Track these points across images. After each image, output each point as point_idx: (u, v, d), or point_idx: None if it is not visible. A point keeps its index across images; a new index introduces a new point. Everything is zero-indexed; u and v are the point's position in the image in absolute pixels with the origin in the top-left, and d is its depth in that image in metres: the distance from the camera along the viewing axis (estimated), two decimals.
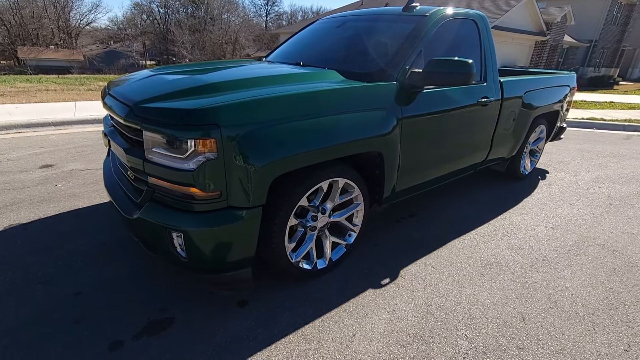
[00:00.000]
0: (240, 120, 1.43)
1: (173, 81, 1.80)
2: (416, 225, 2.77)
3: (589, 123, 7.42)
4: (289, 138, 1.54)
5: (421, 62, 2.19)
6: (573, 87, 4.02)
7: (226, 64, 2.27)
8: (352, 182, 1.97)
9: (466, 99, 2.51)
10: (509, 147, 3.31)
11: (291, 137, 1.55)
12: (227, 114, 1.42)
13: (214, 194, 1.48)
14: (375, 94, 1.93)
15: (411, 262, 2.28)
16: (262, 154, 1.48)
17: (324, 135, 1.66)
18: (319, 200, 1.89)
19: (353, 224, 2.16)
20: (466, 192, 3.47)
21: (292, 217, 1.76)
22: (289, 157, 1.55)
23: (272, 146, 1.50)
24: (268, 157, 1.49)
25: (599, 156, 5.04)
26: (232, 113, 1.43)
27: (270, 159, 1.50)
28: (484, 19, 2.70)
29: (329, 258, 2.08)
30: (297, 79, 1.89)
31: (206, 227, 1.49)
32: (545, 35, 17.32)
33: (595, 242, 2.64)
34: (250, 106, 1.47)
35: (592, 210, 3.21)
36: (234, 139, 1.42)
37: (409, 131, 2.13)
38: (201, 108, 1.40)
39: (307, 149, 1.60)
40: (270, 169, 1.51)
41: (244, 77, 1.84)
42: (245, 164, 1.46)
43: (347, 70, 2.18)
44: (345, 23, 2.77)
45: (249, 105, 1.47)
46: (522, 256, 2.41)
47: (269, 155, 1.49)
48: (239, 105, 1.45)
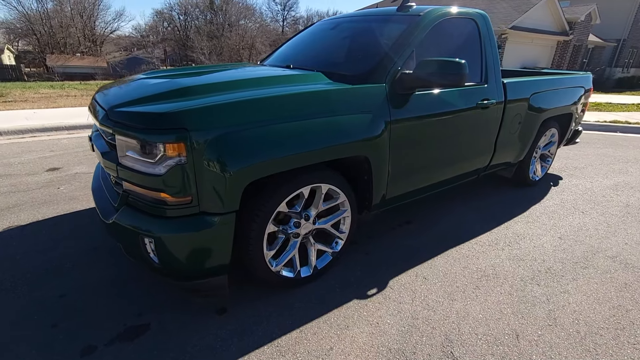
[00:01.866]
0: (210, 124, 1.40)
1: (153, 85, 1.79)
2: (412, 233, 2.67)
3: (612, 126, 7.04)
4: (262, 142, 1.49)
5: (413, 64, 2.10)
6: (588, 89, 3.81)
7: (216, 68, 2.26)
8: (336, 188, 1.91)
9: (464, 102, 2.39)
10: (516, 152, 3.15)
11: (265, 142, 1.50)
12: (196, 118, 1.39)
13: (185, 200, 1.44)
14: (361, 96, 1.86)
15: (402, 272, 2.18)
16: (234, 159, 1.44)
17: (302, 140, 1.60)
18: (301, 206, 1.83)
19: (340, 231, 2.09)
20: (470, 198, 3.32)
21: (270, 224, 1.71)
22: (262, 162, 1.50)
23: (244, 151, 1.46)
24: (240, 162, 1.45)
25: (619, 161, 4.75)
26: (201, 117, 1.40)
27: (243, 164, 1.46)
28: (484, 18, 2.59)
29: (314, 266, 2.01)
30: (278, 81, 1.84)
31: (177, 233, 1.46)
32: (568, 35, 16.65)
33: (606, 254, 2.46)
34: (220, 110, 1.44)
35: (606, 219, 3.00)
36: (204, 143, 1.39)
37: (399, 135, 2.04)
38: (169, 112, 1.38)
39: (282, 154, 1.55)
40: (243, 174, 1.47)
41: (224, 80, 1.81)
42: (216, 168, 1.42)
43: (335, 72, 2.12)
44: (340, 25, 2.71)
45: (220, 109, 1.44)
46: (523, 268, 2.27)
47: (241, 160, 1.45)
48: (209, 108, 1.42)
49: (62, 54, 30.46)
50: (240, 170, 1.45)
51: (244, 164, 1.46)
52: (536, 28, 15.33)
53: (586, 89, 3.75)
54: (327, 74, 2.12)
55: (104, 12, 36.90)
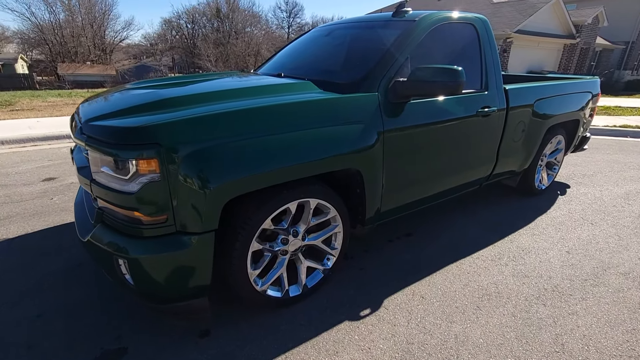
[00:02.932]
0: (184, 138, 1.32)
1: (133, 97, 1.72)
2: (411, 247, 2.55)
3: (622, 131, 6.82)
4: (242, 157, 1.41)
5: (408, 71, 2.01)
6: (596, 94, 3.66)
7: (205, 77, 2.19)
8: (326, 203, 1.81)
9: (463, 110, 2.28)
10: (520, 160, 3.02)
11: (245, 156, 1.41)
12: (170, 132, 1.31)
13: (160, 218, 1.36)
14: (351, 106, 1.77)
15: (398, 290, 2.06)
16: (211, 175, 1.35)
17: (285, 154, 1.51)
18: (289, 222, 1.74)
19: (332, 247, 1.99)
20: (473, 209, 3.19)
21: (254, 242, 1.62)
22: (243, 178, 1.42)
23: (222, 166, 1.37)
24: (218, 179, 1.36)
25: (630, 168, 4.56)
26: (176, 131, 1.32)
27: (221, 180, 1.37)
28: (484, 22, 2.48)
29: (304, 284, 1.91)
30: (264, 91, 1.76)
31: (151, 254, 1.37)
32: (575, 38, 16.41)
33: (618, 270, 2.31)
34: (196, 123, 1.36)
35: (617, 231, 2.84)
36: (179, 159, 1.31)
37: (393, 146, 1.94)
38: (140, 126, 1.30)
39: (264, 169, 1.46)
40: (221, 191, 1.38)
41: (207, 91, 1.73)
42: (192, 185, 1.34)
43: (327, 81, 2.04)
44: (333, 32, 2.64)
45: (196, 122, 1.36)
46: (528, 286, 2.13)
47: (219, 176, 1.36)
48: (184, 122, 1.34)
49: (73, 62, 31.03)
50: (219, 187, 1.37)
51: (223, 180, 1.37)
52: (542, 31, 15.13)
53: (594, 94, 3.60)
54: (319, 82, 2.03)
55: (113, 22, 37.47)
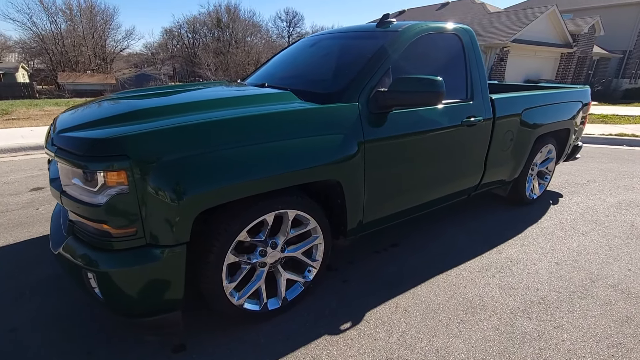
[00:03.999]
0: (154, 150, 1.30)
1: (108, 108, 1.71)
2: (398, 257, 2.51)
3: (617, 139, 6.82)
4: (213, 169, 1.39)
5: (390, 81, 2.00)
6: (587, 103, 3.66)
7: (187, 87, 2.19)
8: (305, 214, 1.78)
9: (447, 120, 2.27)
10: (509, 170, 3.00)
11: (217, 168, 1.39)
12: (138, 144, 1.29)
13: (129, 231, 1.34)
14: (329, 116, 1.75)
15: (381, 303, 2.02)
16: (180, 187, 1.33)
17: (259, 165, 1.49)
18: (266, 234, 1.71)
19: (312, 259, 1.95)
20: (462, 219, 3.16)
21: (230, 254, 1.59)
22: (213, 190, 1.39)
23: (192, 178, 1.35)
24: (187, 191, 1.34)
25: (625, 177, 4.54)
26: (144, 142, 1.30)
27: (190, 192, 1.35)
28: (469, 33, 2.49)
29: (283, 297, 1.87)
30: (242, 102, 1.76)
31: (119, 267, 1.35)
32: (572, 47, 16.55)
33: (607, 281, 2.27)
34: (167, 134, 1.34)
35: (608, 241, 2.81)
36: (148, 171, 1.29)
37: (375, 156, 1.93)
38: (108, 137, 1.29)
39: (237, 180, 1.44)
40: (191, 203, 1.36)
41: (185, 102, 1.72)
42: (161, 198, 1.32)
43: (309, 91, 2.03)
44: (319, 42, 2.64)
45: (166, 133, 1.34)
46: (514, 298, 2.09)
47: (188, 188, 1.34)
48: (154, 133, 1.33)
49: (73, 71, 31.33)
50: (188, 199, 1.35)
51: (192, 192, 1.35)
52: (539, 40, 15.27)
53: (584, 103, 3.60)
54: (301, 92, 2.03)
55: (114, 31, 37.87)
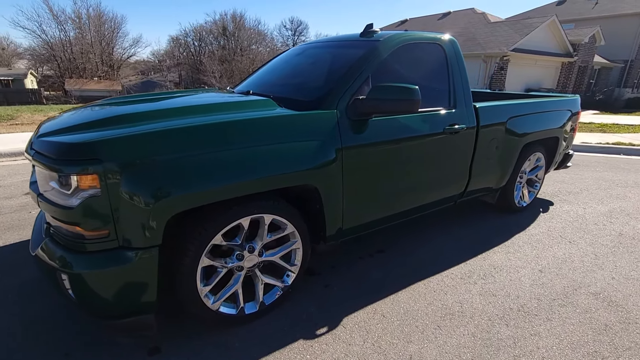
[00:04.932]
0: (126, 154, 1.34)
1: (89, 113, 1.77)
2: (382, 263, 2.52)
3: (614, 148, 6.80)
4: (185, 173, 1.42)
5: (369, 90, 2.04)
6: (576, 112, 3.68)
7: (173, 95, 2.24)
8: (282, 219, 1.81)
9: (429, 127, 2.30)
10: (496, 177, 3.01)
11: (189, 172, 1.43)
12: (111, 148, 1.33)
13: (101, 233, 1.37)
14: (306, 122, 1.79)
15: (360, 308, 2.03)
16: (152, 191, 1.37)
17: (233, 170, 1.53)
18: (242, 238, 1.74)
19: (291, 264, 1.97)
20: (450, 225, 3.17)
21: (204, 257, 1.62)
22: (186, 195, 1.43)
23: (164, 182, 1.39)
24: (159, 195, 1.38)
25: (618, 186, 4.52)
26: (117, 147, 1.34)
27: (162, 196, 1.38)
28: (452, 43, 2.53)
29: (261, 302, 1.89)
30: (221, 108, 1.80)
31: (91, 269, 1.38)
32: (572, 56, 16.59)
33: (589, 289, 2.26)
34: (139, 139, 1.38)
35: (595, 250, 2.80)
36: (120, 175, 1.33)
37: (354, 163, 1.96)
38: (81, 142, 1.33)
39: (210, 185, 1.47)
40: (163, 207, 1.39)
41: (165, 108, 1.77)
42: (133, 201, 1.36)
43: (290, 98, 2.08)
44: (305, 51, 2.70)
45: (138, 138, 1.39)
46: (493, 305, 2.09)
47: (160, 192, 1.38)
48: (126, 138, 1.37)
49: (81, 78, 31.92)
50: (160, 203, 1.38)
51: (164, 196, 1.38)
52: (539, 50, 15.33)
53: (573, 112, 3.62)
54: (283, 99, 2.08)
55: (121, 39, 38.61)
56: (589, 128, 9.50)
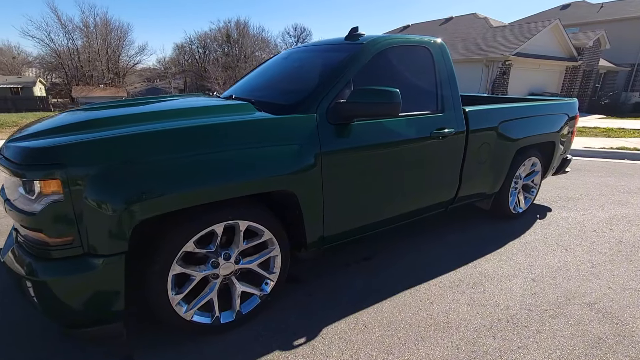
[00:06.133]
0: (90, 159, 1.31)
1: (62, 118, 1.75)
2: (368, 271, 2.46)
3: (618, 153, 6.66)
4: (151, 179, 1.39)
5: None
6: (573, 116, 3.60)
7: (158, 99, 2.23)
8: (259, 225, 1.76)
9: (414, 131, 2.25)
10: (489, 183, 2.94)
11: (155, 178, 1.40)
12: (74, 153, 1.30)
13: (65, 240, 1.34)
14: (283, 127, 1.75)
15: (342, 318, 1.97)
16: (117, 197, 1.33)
17: (203, 175, 1.49)
18: (216, 245, 1.69)
19: (270, 271, 1.92)
20: (443, 232, 3.09)
21: (175, 265, 1.57)
22: (152, 201, 1.39)
23: (129, 188, 1.35)
24: (124, 201, 1.34)
25: (620, 191, 4.40)
26: (81, 151, 1.31)
27: (127, 202, 1.35)
28: (440, 46, 2.49)
29: (237, 311, 1.84)
30: (197, 113, 1.77)
31: (55, 277, 1.34)
32: (577, 60, 16.43)
33: (583, 300, 2.17)
34: (104, 144, 1.36)
35: (592, 258, 2.70)
36: (84, 180, 1.30)
37: (335, 168, 1.91)
38: (44, 147, 1.31)
39: (178, 190, 1.44)
40: (128, 213, 1.36)
41: (140, 112, 1.75)
42: (97, 207, 1.32)
43: (270, 102, 2.05)
44: (291, 55, 2.68)
45: (103, 143, 1.36)
46: (481, 315, 2.01)
47: (126, 197, 1.35)
48: (90, 143, 1.34)
49: (87, 85, 32.46)
50: (126, 208, 1.35)
51: (129, 202, 1.35)
52: (542, 54, 15.22)
53: (570, 116, 3.54)
54: (264, 103, 2.05)
55: (127, 47, 39.21)
56: (593, 133, 9.35)
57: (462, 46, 15.98)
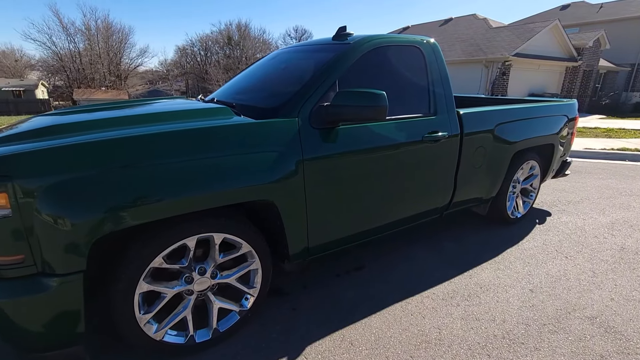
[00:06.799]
0: (40, 170, 1.20)
1: (25, 124, 1.64)
2: (359, 282, 2.34)
3: (619, 154, 6.52)
4: (111, 190, 1.28)
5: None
6: (573, 117, 3.48)
7: (130, 103, 2.12)
8: (236, 237, 1.65)
9: (405, 135, 2.14)
10: (485, 187, 2.82)
11: (115, 190, 1.28)
12: (20, 164, 1.19)
13: (16, 259, 1.23)
14: (260, 133, 1.64)
15: (327, 335, 1.85)
16: (72, 211, 1.22)
17: (170, 186, 1.38)
18: (189, 259, 1.58)
19: (250, 286, 1.81)
20: (439, 239, 2.97)
21: (142, 282, 1.46)
22: (112, 215, 1.28)
23: (86, 201, 1.24)
24: (80, 216, 1.23)
25: (622, 194, 4.28)
26: (28, 162, 1.20)
27: (84, 217, 1.24)
28: (432, 46, 2.38)
29: (214, 328, 1.72)
30: (167, 118, 1.66)
31: (5, 298, 1.23)
32: (577, 60, 16.29)
33: (584, 313, 2.05)
34: (55, 153, 1.24)
35: (593, 266, 2.58)
36: (33, 193, 1.19)
37: (319, 176, 1.80)
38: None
39: (139, 203, 1.32)
40: (87, 228, 1.25)
41: (105, 117, 1.64)
42: (50, 222, 1.21)
43: (251, 106, 1.95)
44: (278, 56, 2.57)
45: (54, 152, 1.24)
46: (476, 331, 1.89)
47: (81, 212, 1.23)
48: (38, 152, 1.23)
49: (89, 88, 32.45)
50: (83, 223, 1.24)
51: (86, 217, 1.24)
52: (542, 54, 15.08)
53: (570, 118, 3.42)
54: (246, 107, 1.94)
55: (129, 50, 39.22)
56: (594, 133, 9.21)
57: (462, 47, 15.87)
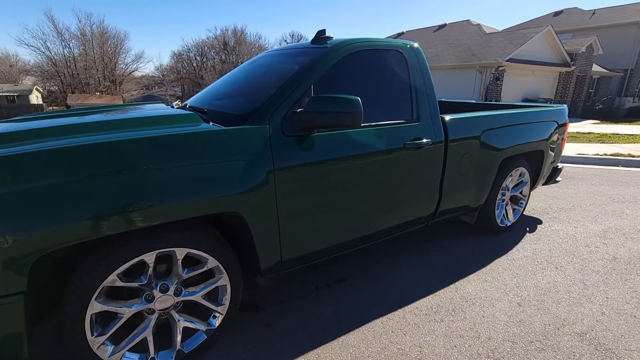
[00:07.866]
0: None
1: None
2: (338, 296, 2.23)
3: (612, 160, 6.48)
4: (54, 204, 1.17)
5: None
6: (563, 123, 3.42)
7: (98, 109, 2.03)
8: (200, 252, 1.55)
9: (385, 142, 2.05)
10: (472, 195, 2.74)
11: (60, 203, 1.18)
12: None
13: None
14: (226, 141, 1.54)
15: (300, 354, 1.74)
16: (6, 228, 1.12)
17: (123, 198, 1.28)
18: (148, 276, 1.47)
19: (218, 303, 1.70)
20: (425, 249, 2.87)
21: (95, 302, 1.35)
22: (55, 230, 1.18)
23: (24, 215, 1.14)
24: (17, 232, 1.13)
25: (614, 201, 4.21)
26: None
27: (22, 232, 1.13)
28: (415, 50, 2.30)
29: (178, 349, 1.61)
30: (127, 125, 1.56)
31: None
32: (570, 65, 16.40)
33: (574, 328, 1.95)
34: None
35: (584, 277, 2.49)
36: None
37: (291, 186, 1.70)
38: None
39: (87, 218, 1.22)
40: (23, 246, 1.14)
41: (63, 125, 1.54)
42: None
43: (222, 112, 1.86)
44: (258, 60, 2.49)
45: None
46: (459, 350, 1.79)
47: (19, 227, 1.13)
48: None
49: (83, 93, 32.29)
50: (18, 242, 1.13)
51: (26, 232, 1.13)
52: (535, 60, 15.17)
53: (560, 123, 3.36)
54: (216, 113, 1.85)
55: (124, 55, 39.14)
56: (587, 138, 9.20)
57: (456, 52, 15.94)
